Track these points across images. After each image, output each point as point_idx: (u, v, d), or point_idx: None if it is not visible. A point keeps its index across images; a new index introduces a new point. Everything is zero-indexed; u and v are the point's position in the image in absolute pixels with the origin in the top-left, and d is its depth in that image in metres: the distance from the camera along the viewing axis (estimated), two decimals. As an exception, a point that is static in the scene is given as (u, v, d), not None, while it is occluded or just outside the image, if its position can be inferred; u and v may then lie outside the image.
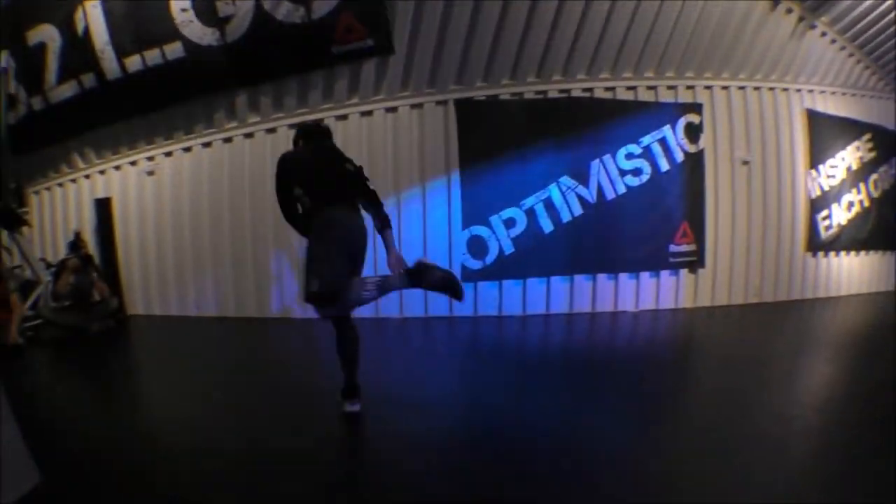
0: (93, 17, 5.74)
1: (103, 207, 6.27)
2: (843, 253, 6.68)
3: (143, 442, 2.69)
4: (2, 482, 1.96)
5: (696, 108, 5.86)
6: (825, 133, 6.48)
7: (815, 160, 6.43)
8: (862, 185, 6.78)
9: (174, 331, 5.71)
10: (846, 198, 6.66)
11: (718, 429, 2.56)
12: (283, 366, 4.22)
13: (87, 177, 6.50)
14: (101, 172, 6.43)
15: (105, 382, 4.04)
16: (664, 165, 5.72)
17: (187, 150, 6.04)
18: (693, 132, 5.80)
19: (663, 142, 5.72)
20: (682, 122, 5.77)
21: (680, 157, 5.76)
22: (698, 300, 5.88)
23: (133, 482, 2.24)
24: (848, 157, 6.68)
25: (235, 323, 5.79)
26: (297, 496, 2.07)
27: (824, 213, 6.48)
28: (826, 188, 6.51)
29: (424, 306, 5.60)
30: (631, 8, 5.29)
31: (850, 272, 6.74)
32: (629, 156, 5.65)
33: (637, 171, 5.66)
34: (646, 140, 5.68)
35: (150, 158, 6.18)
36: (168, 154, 6.12)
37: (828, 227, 6.50)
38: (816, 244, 6.42)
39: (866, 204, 6.81)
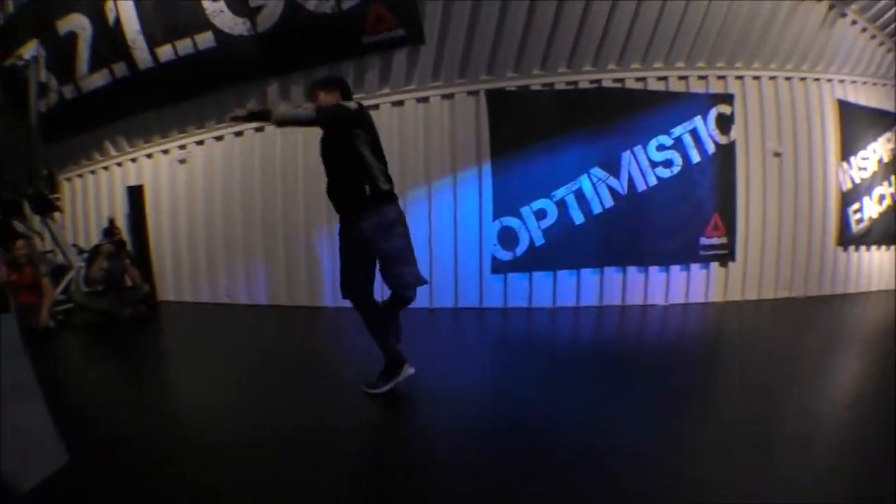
0: (123, 7, 5.76)
1: (135, 195, 6.34)
2: (874, 247, 6.59)
3: (171, 427, 2.75)
4: (30, 461, 2.01)
5: (728, 98, 5.79)
6: (856, 124, 6.37)
7: (847, 152, 6.34)
8: (893, 178, 6.67)
9: (204, 318, 5.79)
10: (877, 190, 6.56)
11: (747, 424, 2.56)
12: (312, 354, 4.27)
13: (119, 165, 6.58)
14: (133, 160, 6.49)
15: (135, 367, 4.14)
16: (695, 157, 5.67)
17: (219, 139, 6.09)
18: (724, 123, 5.74)
19: (694, 133, 5.67)
20: (713, 113, 5.71)
21: (711, 148, 5.71)
22: (728, 294, 5.85)
23: (158, 466, 2.29)
24: (879, 149, 6.57)
25: (265, 311, 5.87)
26: (323, 485, 2.11)
27: (855, 206, 6.39)
28: (857, 181, 6.41)
29: (454, 298, 5.63)
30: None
31: (882, 267, 6.66)
32: (660, 147, 5.60)
33: (668, 163, 5.62)
34: (677, 131, 5.63)
35: (182, 147, 6.24)
36: (200, 143, 6.17)
37: (859, 221, 6.42)
38: (847, 238, 6.35)
39: (898, 197, 6.71)
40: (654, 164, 5.59)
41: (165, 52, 5.75)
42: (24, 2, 6.33)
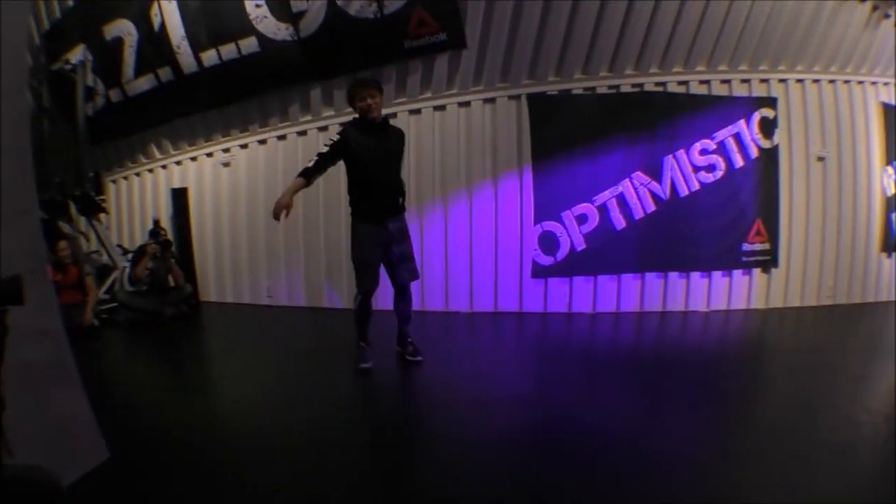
0: (168, 12, 5.89)
1: (179, 197, 6.47)
2: (919, 254, 6.44)
3: (210, 425, 2.85)
4: (71, 457, 2.09)
5: (771, 102, 5.70)
6: (900, 128, 6.25)
7: (891, 156, 6.18)
8: (939, 183, 6.52)
9: (245, 318, 5.89)
10: (923, 196, 6.41)
11: (785, 431, 2.59)
12: (350, 355, 4.33)
13: (163, 167, 6.70)
14: (178, 163, 6.62)
15: (176, 366, 4.29)
16: (738, 161, 5.59)
17: (262, 142, 6.17)
18: (767, 127, 5.66)
19: (737, 137, 5.59)
20: (756, 117, 5.62)
21: (754, 152, 5.63)
22: (770, 301, 5.76)
23: (197, 462, 2.38)
24: (925, 154, 6.43)
25: (306, 312, 5.93)
26: (355, 483, 2.18)
27: (900, 211, 6.27)
28: (902, 186, 6.29)
29: (494, 302, 5.65)
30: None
31: (927, 274, 6.50)
32: (703, 151, 5.55)
33: (710, 168, 5.55)
34: (720, 135, 5.57)
35: (227, 150, 6.34)
36: (244, 146, 6.26)
37: (903, 227, 6.28)
38: (892, 244, 6.19)
39: (944, 203, 6.55)
40: (696, 169, 5.54)
41: (210, 56, 5.86)
42: (71, 7, 6.50)
